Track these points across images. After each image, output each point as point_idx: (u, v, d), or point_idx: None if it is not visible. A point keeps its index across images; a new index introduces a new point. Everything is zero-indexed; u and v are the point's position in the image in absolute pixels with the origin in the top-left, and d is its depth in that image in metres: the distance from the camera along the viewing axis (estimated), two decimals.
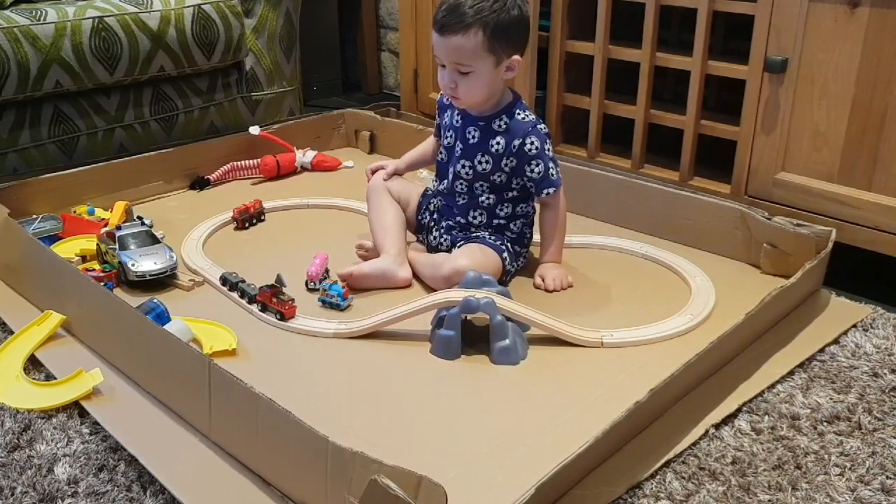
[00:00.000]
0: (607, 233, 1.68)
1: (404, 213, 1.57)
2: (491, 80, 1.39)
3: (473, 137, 1.45)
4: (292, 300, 1.35)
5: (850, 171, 1.51)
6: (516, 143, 1.42)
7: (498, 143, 1.43)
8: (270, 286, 1.36)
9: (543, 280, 1.46)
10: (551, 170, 1.43)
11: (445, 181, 1.52)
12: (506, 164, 1.44)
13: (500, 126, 1.43)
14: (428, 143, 1.65)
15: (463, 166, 1.47)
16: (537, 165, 1.42)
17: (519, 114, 1.44)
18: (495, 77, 1.39)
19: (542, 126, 1.44)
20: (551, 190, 1.44)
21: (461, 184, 1.48)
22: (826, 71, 1.49)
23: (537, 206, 1.51)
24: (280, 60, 2.23)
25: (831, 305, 1.42)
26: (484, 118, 1.45)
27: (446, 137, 1.52)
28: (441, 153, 1.54)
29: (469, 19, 1.34)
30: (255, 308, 1.37)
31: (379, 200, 1.56)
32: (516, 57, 1.39)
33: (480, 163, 1.45)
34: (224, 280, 1.44)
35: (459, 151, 1.47)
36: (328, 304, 1.38)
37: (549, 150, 1.43)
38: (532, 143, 1.41)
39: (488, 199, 1.47)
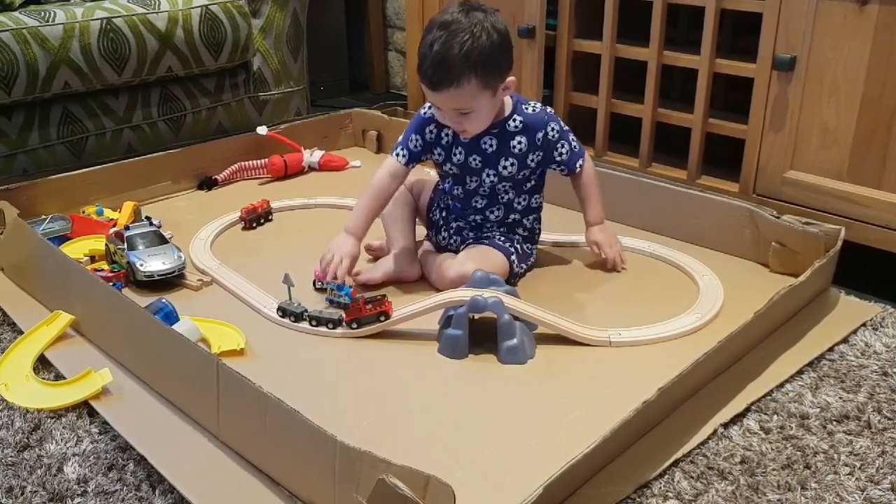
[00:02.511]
0: (615, 232, 1.67)
1: (416, 203, 1.57)
2: (493, 107, 1.38)
3: (491, 146, 1.43)
4: (384, 295, 1.31)
5: (859, 170, 1.50)
6: (539, 135, 1.42)
7: (520, 143, 1.43)
8: (353, 300, 1.29)
9: (599, 247, 1.49)
10: (574, 143, 1.46)
11: (459, 188, 1.48)
12: (532, 160, 1.44)
13: (516, 126, 1.43)
14: (380, 191, 1.44)
15: (487, 175, 1.44)
16: (563, 147, 1.44)
17: (527, 108, 1.44)
18: (496, 103, 1.39)
19: (550, 108, 1.46)
20: (581, 161, 1.47)
21: (483, 189, 1.47)
22: (835, 69, 1.48)
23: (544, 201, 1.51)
24: (287, 60, 2.23)
25: (840, 304, 1.42)
26: (497, 125, 1.42)
27: (455, 155, 1.44)
28: (449, 170, 1.47)
29: (458, 70, 1.29)
30: (343, 329, 1.30)
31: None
32: (510, 78, 1.37)
33: (505, 167, 1.43)
34: (283, 311, 1.34)
35: (478, 163, 1.44)
36: (336, 304, 1.38)
37: (564, 127, 1.46)
38: (553, 128, 1.43)
39: (507, 193, 1.47)
